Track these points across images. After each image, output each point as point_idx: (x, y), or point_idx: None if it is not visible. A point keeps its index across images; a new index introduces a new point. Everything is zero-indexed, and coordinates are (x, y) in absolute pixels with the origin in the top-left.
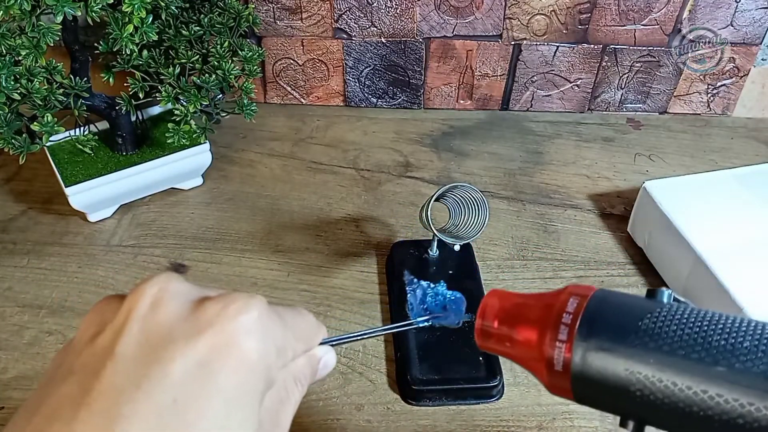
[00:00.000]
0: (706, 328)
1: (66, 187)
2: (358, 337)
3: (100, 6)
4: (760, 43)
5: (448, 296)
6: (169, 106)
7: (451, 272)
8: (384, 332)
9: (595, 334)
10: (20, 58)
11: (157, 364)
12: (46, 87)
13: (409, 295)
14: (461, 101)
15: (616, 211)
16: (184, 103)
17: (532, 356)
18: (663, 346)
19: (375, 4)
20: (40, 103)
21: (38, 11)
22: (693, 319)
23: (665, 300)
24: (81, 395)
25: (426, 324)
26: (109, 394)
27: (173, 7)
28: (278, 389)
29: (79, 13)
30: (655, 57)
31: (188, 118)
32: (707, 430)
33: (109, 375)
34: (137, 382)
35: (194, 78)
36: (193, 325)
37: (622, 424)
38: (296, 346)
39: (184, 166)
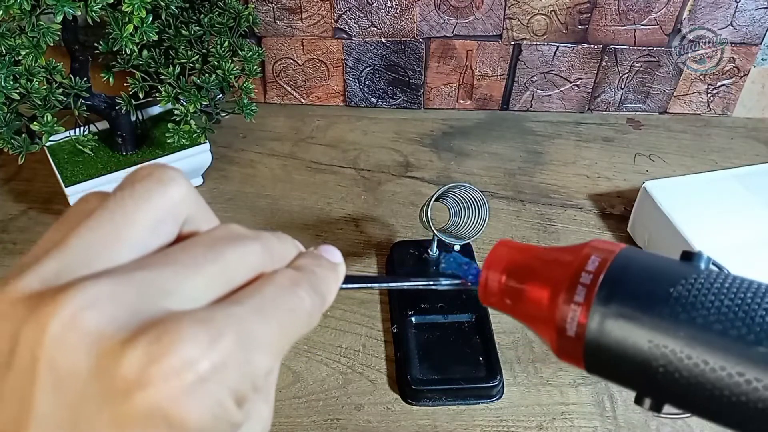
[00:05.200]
0: (750, 301)
1: (66, 187)
2: (372, 285)
3: (100, 6)
4: (760, 43)
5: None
6: (169, 106)
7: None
8: (402, 286)
9: (618, 298)
10: (20, 57)
11: None
12: (45, 87)
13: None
14: (461, 101)
15: (616, 211)
16: (184, 103)
17: (541, 317)
18: (696, 318)
19: (375, 4)
20: (40, 102)
21: (38, 11)
22: (735, 290)
23: (703, 266)
24: None
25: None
26: None
27: (173, 7)
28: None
29: (79, 13)
30: (655, 57)
31: (188, 118)
32: (738, 418)
33: None
34: None
35: (194, 78)
36: (115, 386)
37: (638, 401)
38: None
39: (184, 166)
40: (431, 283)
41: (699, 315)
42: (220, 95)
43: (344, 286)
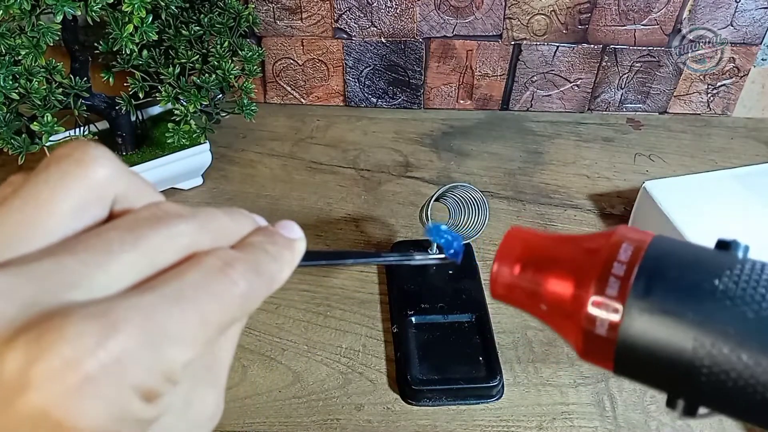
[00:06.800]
0: None
1: None
2: (336, 262)
3: (100, 6)
4: (760, 43)
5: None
6: (169, 106)
7: (451, 272)
8: (371, 262)
9: (658, 292)
10: (20, 57)
11: None
12: (45, 87)
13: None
14: (461, 101)
15: (616, 211)
16: (184, 103)
17: (563, 314)
18: (748, 313)
19: (375, 4)
20: (40, 102)
21: (38, 11)
22: None
23: (741, 255)
24: None
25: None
26: None
27: (173, 7)
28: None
29: (79, 13)
30: (655, 57)
31: (188, 118)
32: None
33: None
34: None
35: (194, 78)
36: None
37: (670, 404)
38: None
39: (184, 166)
40: (404, 258)
41: (750, 309)
42: (220, 95)
43: (304, 263)
